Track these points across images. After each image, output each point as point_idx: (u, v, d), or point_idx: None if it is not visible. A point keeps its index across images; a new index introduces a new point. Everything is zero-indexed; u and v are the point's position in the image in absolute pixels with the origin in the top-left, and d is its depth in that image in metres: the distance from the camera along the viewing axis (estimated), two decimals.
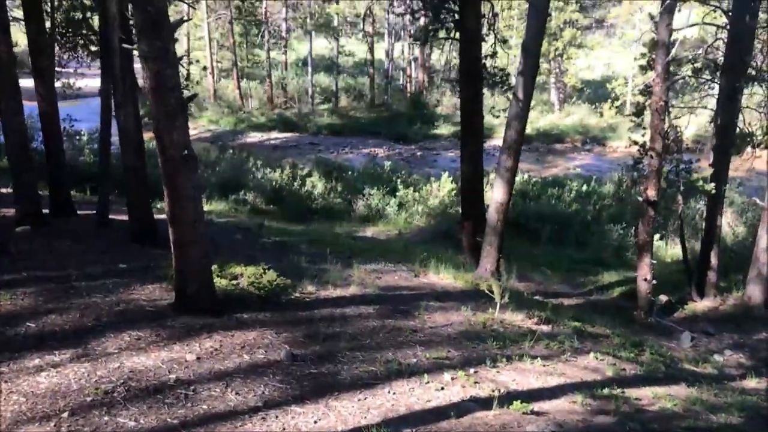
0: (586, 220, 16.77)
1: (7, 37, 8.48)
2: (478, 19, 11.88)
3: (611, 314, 11.26)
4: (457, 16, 12.48)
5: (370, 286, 8.81)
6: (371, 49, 37.51)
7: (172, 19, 6.37)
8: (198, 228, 6.65)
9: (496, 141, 26.09)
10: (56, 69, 18.65)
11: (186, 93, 6.40)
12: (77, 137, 19.61)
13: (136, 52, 7.12)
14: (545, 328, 8.52)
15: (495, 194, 10.28)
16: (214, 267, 7.52)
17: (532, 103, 35.83)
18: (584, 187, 18.87)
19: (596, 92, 38.45)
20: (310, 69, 37.22)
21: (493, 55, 12.66)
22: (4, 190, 12.24)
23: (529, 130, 32.58)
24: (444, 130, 33.93)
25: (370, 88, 38.52)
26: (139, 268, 8.29)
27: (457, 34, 12.47)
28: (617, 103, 35.52)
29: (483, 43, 12.60)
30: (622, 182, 19.93)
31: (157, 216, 9.95)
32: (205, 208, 16.50)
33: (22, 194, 9.20)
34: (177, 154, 6.30)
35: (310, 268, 9.38)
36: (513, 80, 11.65)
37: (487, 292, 8.49)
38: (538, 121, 33.63)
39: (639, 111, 12.26)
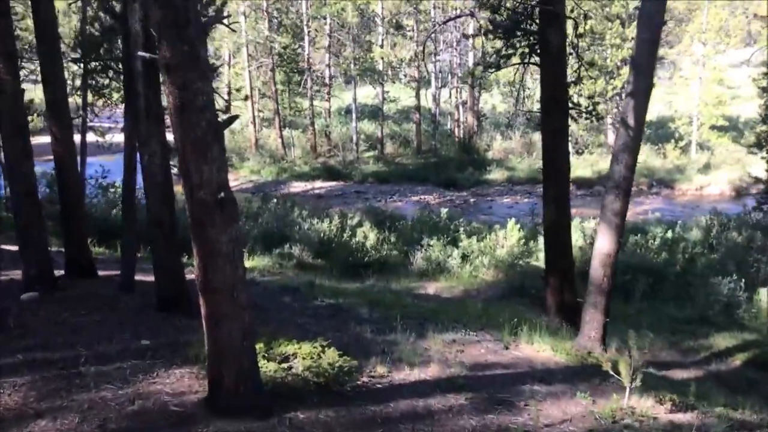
0: (679, 272, 14.58)
1: (11, 65, 7.06)
2: (563, 38, 10.18)
3: (741, 390, 9.10)
4: (533, 39, 10.80)
5: (454, 365, 6.93)
6: (417, 94, 36.21)
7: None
8: (238, 297, 4.90)
9: None
10: (88, 122, 17.65)
11: (222, 116, 4.72)
12: (111, 189, 18.34)
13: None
14: (685, 417, 6.52)
15: (600, 244, 8.35)
16: (259, 345, 5.76)
17: (590, 145, 34.37)
18: (668, 234, 16.69)
19: (656, 132, 36.29)
20: (354, 115, 36.03)
21: (578, 81, 10.91)
22: (14, 248, 10.76)
23: (589, 173, 31.07)
24: (497, 174, 32.09)
25: (417, 134, 37.08)
26: (165, 346, 6.58)
27: (535, 59, 10.77)
28: (681, 143, 33.43)
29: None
30: (710, 228, 17.70)
31: (189, 276, 8.32)
32: (247, 264, 14.90)
33: (30, 254, 7.63)
34: (209, 196, 4.61)
35: (376, 341, 7.57)
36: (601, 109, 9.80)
37: (610, 371, 6.55)
38: (598, 163, 31.54)
39: (761, 141, 10.20)
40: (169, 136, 6.70)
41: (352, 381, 5.93)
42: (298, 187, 31.77)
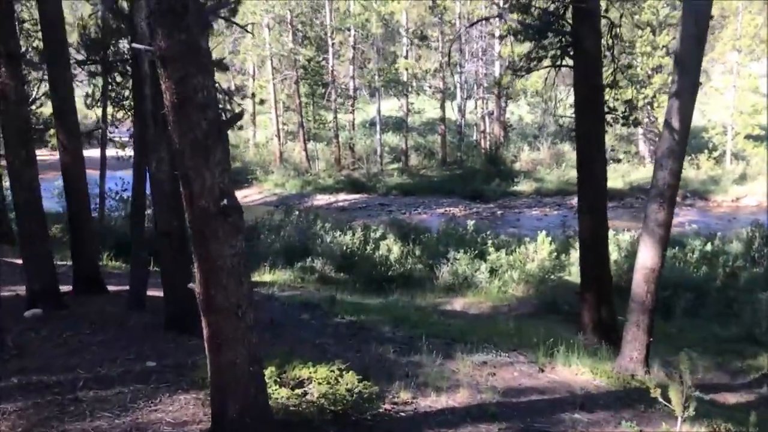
0: (721, 287, 13.75)
1: (15, 68, 6.67)
2: (598, 37, 9.58)
3: None
4: (565, 40, 10.21)
5: (486, 390, 6.33)
6: (442, 106, 35.66)
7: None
8: (243, 317, 4.38)
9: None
10: (108, 135, 17.41)
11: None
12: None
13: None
14: None
15: (642, 257, 7.70)
16: (271, 369, 5.23)
17: (621, 155, 33.45)
18: (708, 247, 15.84)
19: (689, 143, 35.19)
20: (378, 128, 35.61)
21: (614, 84, 10.28)
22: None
23: (620, 184, 30.11)
24: (524, 186, 31.31)
25: (442, 146, 36.51)
26: (171, 368, 6.09)
27: (568, 61, 10.17)
28: (715, 154, 32.35)
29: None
30: (752, 240, 16.78)
31: None
32: (268, 278, 14.44)
33: (33, 267, 7.22)
34: (212, 205, 4.11)
35: (399, 362, 7.00)
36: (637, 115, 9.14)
37: (659, 398, 5.89)
38: (629, 174, 30.66)
39: None
40: None
41: (373, 409, 5.36)
42: (322, 200, 31.44)
